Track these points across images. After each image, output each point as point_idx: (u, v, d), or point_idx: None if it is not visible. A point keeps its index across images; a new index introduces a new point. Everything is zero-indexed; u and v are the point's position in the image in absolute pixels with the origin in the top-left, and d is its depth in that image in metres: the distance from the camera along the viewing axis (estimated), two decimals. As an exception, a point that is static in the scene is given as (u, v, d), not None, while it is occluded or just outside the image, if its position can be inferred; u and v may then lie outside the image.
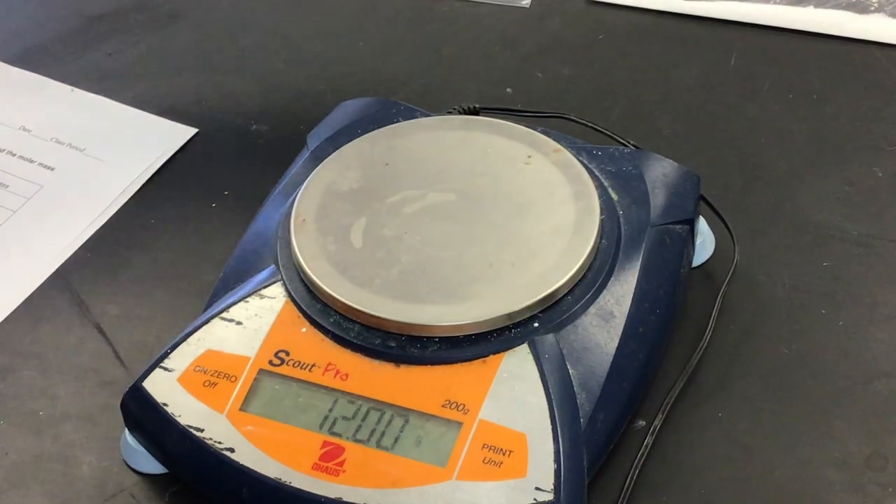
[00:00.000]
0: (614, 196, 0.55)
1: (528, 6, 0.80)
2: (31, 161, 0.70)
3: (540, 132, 0.58)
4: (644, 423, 0.53)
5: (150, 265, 0.63)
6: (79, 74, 0.76)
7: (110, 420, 0.55)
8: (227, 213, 0.66)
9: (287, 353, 0.50)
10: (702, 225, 0.60)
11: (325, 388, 0.49)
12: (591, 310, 0.51)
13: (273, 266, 0.53)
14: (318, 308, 0.51)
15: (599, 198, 0.54)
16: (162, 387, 0.50)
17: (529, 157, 0.56)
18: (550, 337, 0.50)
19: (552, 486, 0.46)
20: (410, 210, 0.54)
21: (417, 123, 0.59)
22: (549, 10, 0.79)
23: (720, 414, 0.54)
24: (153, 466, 0.52)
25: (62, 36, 0.80)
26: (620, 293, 0.52)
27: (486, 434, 0.47)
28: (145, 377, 0.51)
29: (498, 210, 0.54)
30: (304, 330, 0.51)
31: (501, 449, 0.47)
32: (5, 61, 0.77)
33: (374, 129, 0.59)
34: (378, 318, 0.50)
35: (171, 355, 0.51)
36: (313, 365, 0.50)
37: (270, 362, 0.50)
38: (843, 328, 0.57)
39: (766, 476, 0.52)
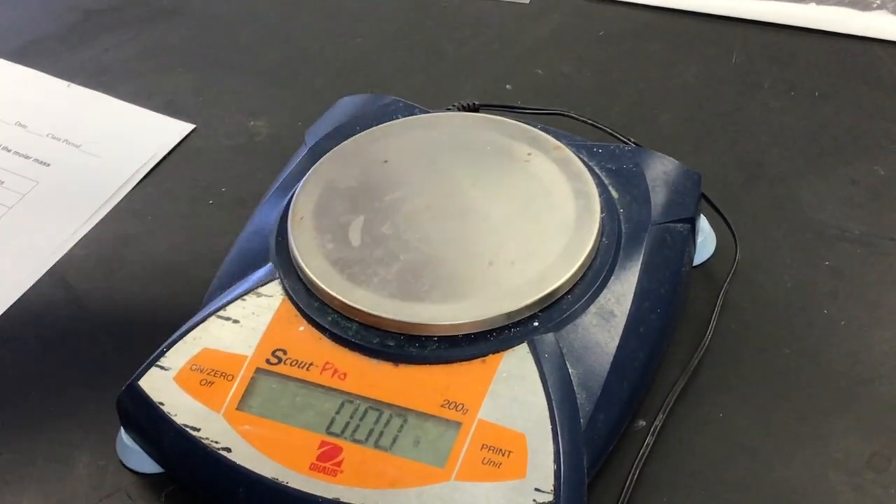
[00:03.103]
0: (615, 194, 0.55)
1: (527, 2, 0.79)
2: (27, 157, 0.69)
3: (540, 129, 0.57)
4: (645, 423, 0.53)
5: (147, 262, 0.63)
6: (75, 70, 0.75)
7: (106, 419, 0.54)
8: (224, 209, 0.65)
9: (284, 352, 0.50)
10: (703, 223, 0.59)
11: (323, 387, 0.49)
12: (592, 309, 0.51)
13: (270, 264, 0.53)
14: (315, 306, 0.51)
15: (600, 196, 0.54)
16: (158, 385, 0.50)
17: (529, 154, 0.56)
18: (550, 336, 0.49)
19: (552, 487, 0.46)
20: (409, 208, 0.54)
21: (416, 120, 0.59)
22: (549, 6, 0.79)
23: (721, 414, 0.54)
24: (149, 466, 0.52)
25: (58, 31, 0.79)
26: (621, 292, 0.52)
27: (486, 434, 0.47)
28: (141, 376, 0.51)
29: (498, 208, 0.54)
30: (301, 329, 0.51)
31: (501, 449, 0.47)
32: (1, 56, 0.77)
33: (372, 126, 0.58)
34: (376, 316, 0.50)
35: (167, 354, 0.51)
36: (311, 364, 0.50)
37: (268, 361, 0.50)
38: (845, 328, 0.57)
39: (767, 476, 0.51)
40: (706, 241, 0.60)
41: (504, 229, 0.53)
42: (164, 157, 0.69)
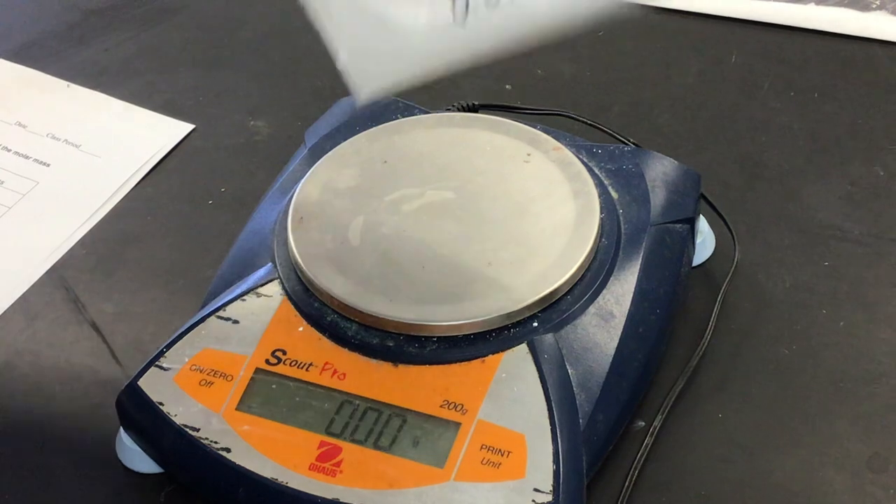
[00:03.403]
0: (614, 194, 0.55)
1: (527, 2, 0.79)
2: (27, 157, 0.69)
3: (540, 129, 0.57)
4: (644, 423, 0.53)
5: (146, 262, 0.63)
6: (75, 70, 0.75)
7: (105, 419, 0.54)
8: (223, 210, 0.65)
9: (284, 353, 0.50)
10: (702, 224, 0.59)
11: (323, 387, 0.49)
12: (591, 309, 0.51)
13: (270, 264, 0.53)
14: (315, 307, 0.51)
15: (599, 196, 0.54)
16: (158, 385, 0.50)
17: (529, 154, 0.56)
18: (549, 337, 0.49)
19: (551, 488, 0.46)
20: (409, 208, 0.54)
21: (416, 121, 0.59)
22: (549, 6, 0.79)
23: (720, 414, 0.54)
24: (148, 466, 0.52)
25: (58, 31, 0.79)
26: (620, 293, 0.52)
27: (485, 434, 0.47)
28: (141, 376, 0.51)
29: (497, 208, 0.54)
30: (301, 329, 0.51)
31: (500, 450, 0.47)
32: (1, 56, 0.77)
33: (372, 127, 0.58)
34: (376, 317, 0.50)
35: (167, 354, 0.51)
36: (310, 364, 0.50)
37: (267, 361, 0.50)
38: (844, 328, 0.57)
39: (766, 477, 0.51)
40: (705, 241, 0.60)
41: (504, 229, 0.53)
42: (164, 157, 0.69)
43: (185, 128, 0.71)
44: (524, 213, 0.53)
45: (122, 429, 0.52)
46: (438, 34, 0.46)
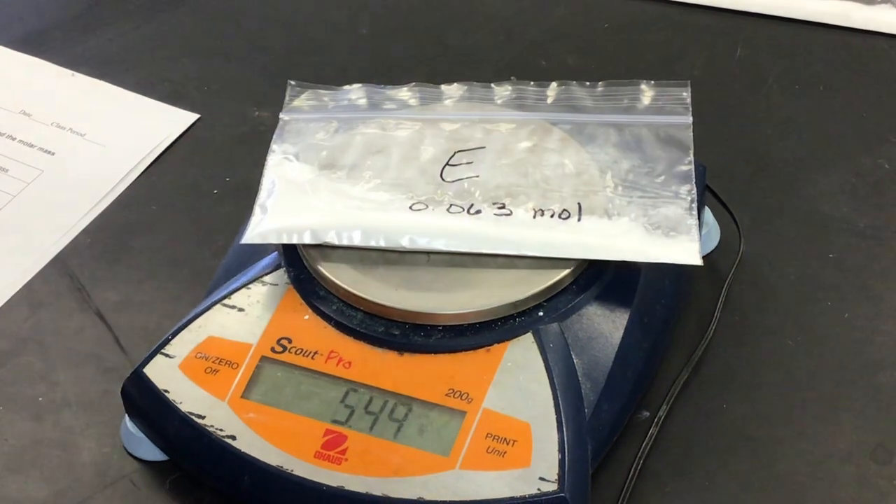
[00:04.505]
0: (620, 185, 0.55)
1: (532, -6, 0.79)
2: (32, 146, 0.69)
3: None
4: (648, 413, 0.53)
5: (151, 251, 0.63)
6: (80, 59, 0.75)
7: (110, 406, 0.54)
8: (228, 199, 0.65)
9: (289, 341, 0.50)
10: (707, 215, 0.59)
11: (328, 375, 0.49)
12: (596, 299, 0.51)
13: (275, 252, 0.53)
14: (320, 295, 0.51)
15: (605, 187, 0.54)
16: (163, 373, 0.50)
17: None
18: (555, 326, 0.49)
19: (556, 477, 0.46)
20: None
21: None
22: (554, -2, 0.79)
23: (724, 405, 0.54)
24: (153, 453, 0.52)
25: (63, 20, 0.79)
26: (625, 283, 0.52)
27: (490, 423, 0.47)
28: (146, 363, 0.51)
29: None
30: (306, 317, 0.51)
31: (505, 438, 0.47)
32: (6, 45, 0.77)
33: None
34: (381, 305, 0.50)
35: (172, 342, 0.51)
36: (316, 352, 0.50)
37: (272, 349, 0.50)
38: (849, 320, 0.57)
39: (770, 468, 0.51)
40: (710, 233, 0.60)
41: (509, 219, 0.53)
42: (169, 147, 0.69)
43: (189, 117, 0.71)
44: (530, 202, 0.53)
45: (127, 416, 0.52)
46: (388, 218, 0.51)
